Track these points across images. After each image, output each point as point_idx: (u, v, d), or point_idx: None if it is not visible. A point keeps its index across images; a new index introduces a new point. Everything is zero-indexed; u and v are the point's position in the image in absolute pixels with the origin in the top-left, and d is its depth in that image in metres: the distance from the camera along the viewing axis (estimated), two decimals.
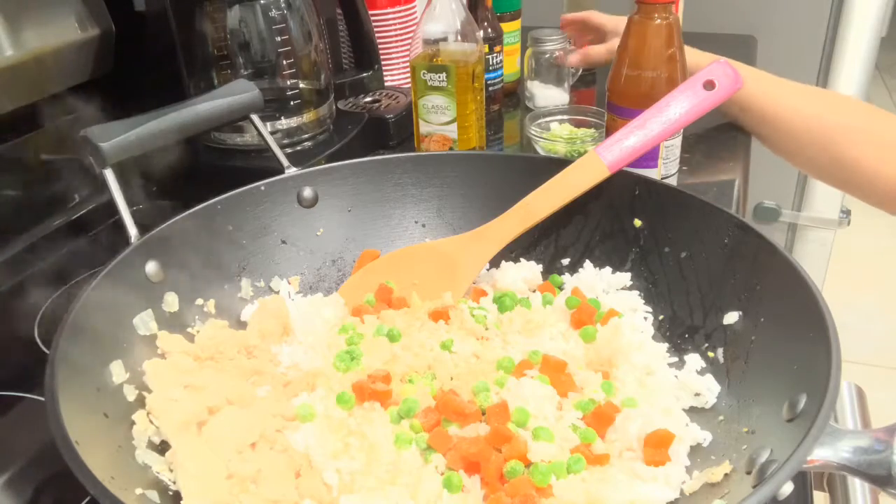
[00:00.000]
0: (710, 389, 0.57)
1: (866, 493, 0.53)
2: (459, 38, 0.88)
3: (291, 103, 0.95)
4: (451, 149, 0.92)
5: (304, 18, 0.93)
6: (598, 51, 1.15)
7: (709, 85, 0.66)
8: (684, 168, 0.89)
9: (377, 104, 1.07)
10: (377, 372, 0.57)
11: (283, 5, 0.91)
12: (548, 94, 1.15)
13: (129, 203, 0.64)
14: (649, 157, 0.78)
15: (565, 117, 0.99)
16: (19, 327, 0.72)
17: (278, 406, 0.55)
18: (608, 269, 0.70)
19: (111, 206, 0.63)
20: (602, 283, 0.69)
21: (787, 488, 0.41)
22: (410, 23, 1.17)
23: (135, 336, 0.59)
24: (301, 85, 0.96)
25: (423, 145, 0.94)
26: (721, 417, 0.55)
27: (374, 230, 0.76)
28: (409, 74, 0.92)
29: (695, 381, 0.57)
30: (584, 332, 0.62)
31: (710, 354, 0.60)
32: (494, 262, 0.71)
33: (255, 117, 0.75)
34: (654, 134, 0.67)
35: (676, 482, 0.50)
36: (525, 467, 0.50)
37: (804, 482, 0.53)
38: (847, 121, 0.86)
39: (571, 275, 0.71)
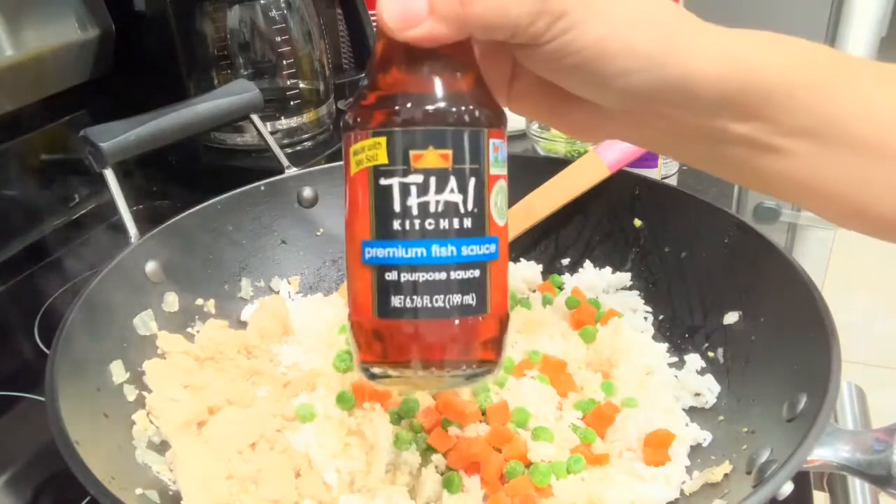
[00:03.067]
0: (710, 389, 0.57)
1: (866, 493, 0.53)
2: None
3: (291, 103, 0.95)
4: None
5: (304, 18, 0.93)
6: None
7: None
8: (684, 168, 0.89)
9: None
10: None
11: (283, 5, 0.91)
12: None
13: (129, 203, 0.64)
14: (649, 157, 0.78)
15: None
16: (19, 327, 0.72)
17: (278, 406, 0.55)
18: (608, 269, 0.70)
19: (111, 206, 0.63)
20: (602, 283, 0.69)
21: (787, 488, 0.41)
22: None
23: (135, 336, 0.59)
24: (301, 85, 0.96)
25: None
26: (721, 417, 0.55)
27: None
28: None
29: (695, 381, 0.57)
30: (584, 332, 0.62)
31: (710, 354, 0.60)
32: None
33: (255, 117, 0.75)
34: None
35: (676, 482, 0.50)
36: (525, 467, 0.50)
37: (804, 482, 0.53)
38: None
39: (571, 275, 0.71)
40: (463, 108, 0.34)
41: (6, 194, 0.84)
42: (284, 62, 0.93)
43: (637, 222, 0.68)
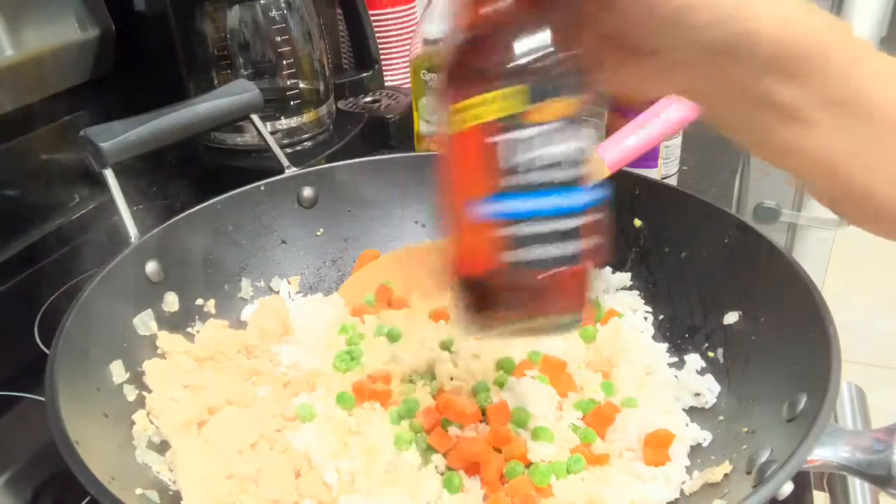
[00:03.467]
0: (710, 389, 0.57)
1: (866, 493, 0.53)
2: None
3: (291, 103, 0.95)
4: None
5: (304, 18, 0.93)
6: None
7: None
8: (684, 168, 0.89)
9: (377, 104, 1.07)
10: (377, 372, 0.57)
11: (283, 5, 0.91)
12: None
13: (129, 203, 0.64)
14: (649, 157, 0.78)
15: None
16: (19, 327, 0.72)
17: (278, 406, 0.55)
18: (608, 269, 0.70)
19: (111, 206, 0.63)
20: (602, 283, 0.69)
21: (787, 488, 0.41)
22: (410, 23, 1.17)
23: (135, 336, 0.59)
24: (301, 85, 0.96)
25: (422, 145, 0.94)
26: (721, 417, 0.55)
27: (374, 230, 0.76)
28: (409, 74, 0.92)
29: (695, 381, 0.57)
30: (584, 332, 0.62)
31: (710, 354, 0.60)
32: None
33: (255, 117, 0.75)
34: (655, 134, 0.66)
35: (676, 482, 0.50)
36: (525, 467, 0.50)
37: (804, 482, 0.53)
38: None
39: None
40: (576, 59, 0.34)
41: (6, 194, 0.84)
42: (284, 62, 0.93)
43: (637, 222, 0.68)
